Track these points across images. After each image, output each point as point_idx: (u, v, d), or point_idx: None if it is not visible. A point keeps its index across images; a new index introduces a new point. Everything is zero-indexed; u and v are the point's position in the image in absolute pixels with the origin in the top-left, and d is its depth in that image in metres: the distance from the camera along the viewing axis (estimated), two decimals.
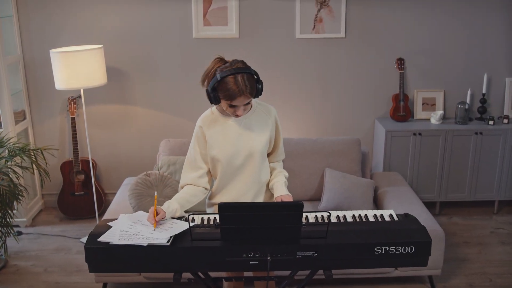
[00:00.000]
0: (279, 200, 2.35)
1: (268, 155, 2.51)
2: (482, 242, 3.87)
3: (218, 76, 2.16)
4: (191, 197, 2.33)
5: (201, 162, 2.37)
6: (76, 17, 4.11)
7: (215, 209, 2.43)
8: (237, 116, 2.27)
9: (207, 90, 2.24)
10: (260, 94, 2.27)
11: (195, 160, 2.37)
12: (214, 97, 2.21)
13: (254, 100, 2.38)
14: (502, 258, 3.64)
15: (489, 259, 3.62)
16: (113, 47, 4.17)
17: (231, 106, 2.22)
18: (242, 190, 2.39)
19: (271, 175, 2.50)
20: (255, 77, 2.24)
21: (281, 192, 2.39)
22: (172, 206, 2.23)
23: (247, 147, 2.33)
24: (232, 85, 2.14)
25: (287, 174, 2.52)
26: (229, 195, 2.41)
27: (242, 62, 2.22)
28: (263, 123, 2.38)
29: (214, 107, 2.39)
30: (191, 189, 2.35)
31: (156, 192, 2.31)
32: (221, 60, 2.26)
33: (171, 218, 2.20)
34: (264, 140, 2.37)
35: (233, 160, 2.33)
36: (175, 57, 4.23)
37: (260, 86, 2.25)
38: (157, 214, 2.16)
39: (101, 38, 4.15)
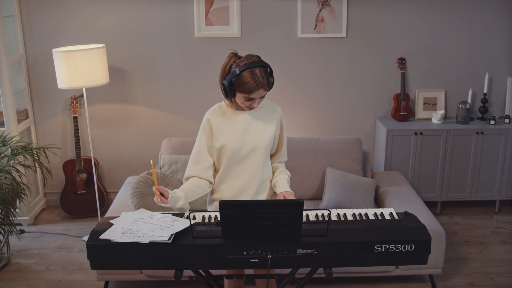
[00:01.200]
0: (281, 197, 2.37)
1: (271, 156, 2.53)
2: (483, 241, 3.87)
3: (237, 70, 2.21)
4: (197, 188, 2.35)
5: (206, 154, 2.39)
6: (78, 16, 4.12)
7: (216, 206, 2.44)
8: (252, 108, 2.32)
9: (223, 84, 2.28)
10: (271, 88, 2.31)
11: (200, 153, 2.39)
12: (230, 90, 2.26)
13: None
14: (503, 258, 3.64)
15: (490, 258, 3.63)
16: (116, 46, 4.19)
17: (248, 99, 2.26)
18: (243, 185, 2.40)
19: (273, 174, 2.52)
20: (269, 70, 2.29)
21: (284, 189, 2.41)
22: (177, 193, 2.26)
23: (253, 141, 2.36)
24: (251, 79, 2.20)
25: (289, 174, 2.54)
26: (230, 190, 2.42)
27: (257, 56, 2.28)
28: (269, 119, 2.41)
29: (222, 102, 2.42)
30: (196, 180, 2.37)
31: (151, 160, 2.26)
32: (235, 55, 2.30)
33: (173, 216, 2.21)
34: (269, 136, 2.39)
35: (238, 151, 2.36)
36: (177, 57, 4.24)
37: (272, 80, 2.30)
38: (162, 195, 2.20)
39: (104, 37, 4.16)
